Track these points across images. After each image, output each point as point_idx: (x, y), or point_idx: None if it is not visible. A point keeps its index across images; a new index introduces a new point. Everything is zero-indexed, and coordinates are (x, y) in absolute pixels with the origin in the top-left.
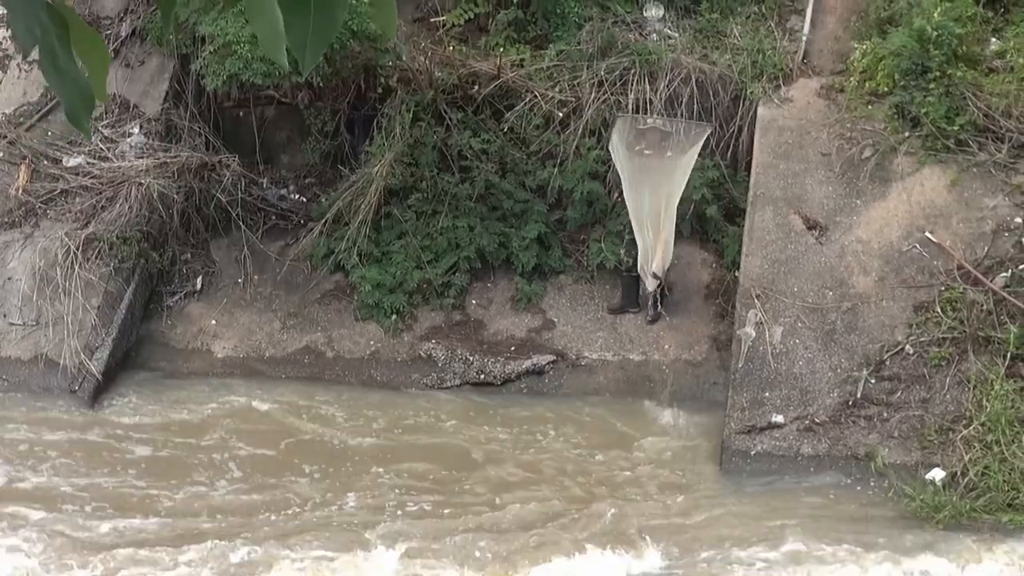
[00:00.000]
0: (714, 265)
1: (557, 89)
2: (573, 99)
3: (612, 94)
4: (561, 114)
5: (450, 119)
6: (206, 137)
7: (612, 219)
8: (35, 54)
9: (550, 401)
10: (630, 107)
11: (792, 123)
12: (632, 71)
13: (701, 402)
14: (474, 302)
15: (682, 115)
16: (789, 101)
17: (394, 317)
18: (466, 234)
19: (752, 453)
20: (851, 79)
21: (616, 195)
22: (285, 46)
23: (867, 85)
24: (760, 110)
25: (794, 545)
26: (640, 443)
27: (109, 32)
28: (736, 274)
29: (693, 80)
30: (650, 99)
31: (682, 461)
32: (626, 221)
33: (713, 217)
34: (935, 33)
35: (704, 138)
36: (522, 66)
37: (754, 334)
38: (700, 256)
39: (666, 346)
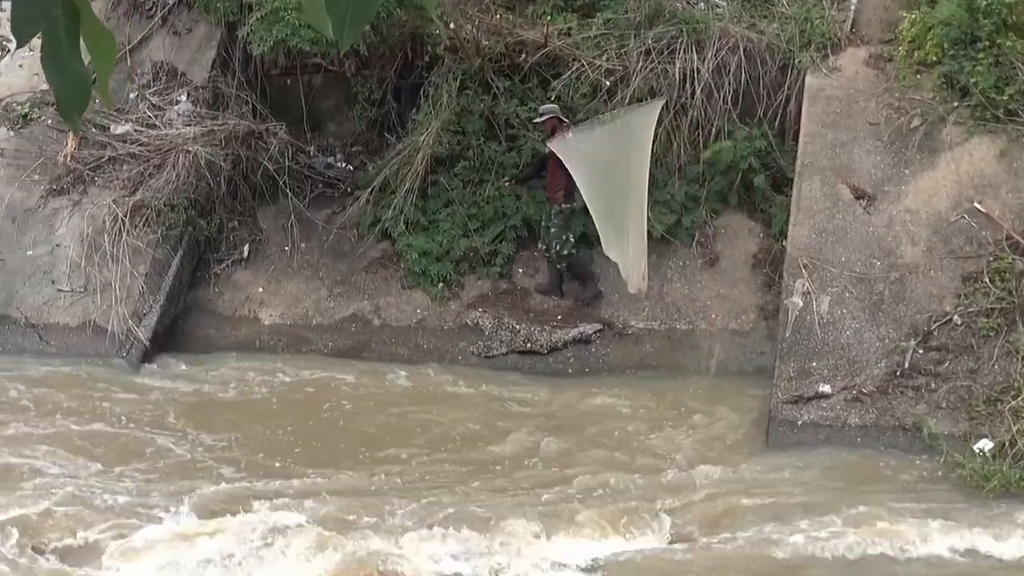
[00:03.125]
0: (761, 235)
1: (604, 58)
2: (620, 68)
3: (659, 63)
4: (608, 83)
5: (497, 88)
6: (253, 105)
7: (659, 188)
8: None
9: (596, 370)
10: (677, 76)
11: (840, 92)
12: (679, 40)
13: (747, 372)
14: (520, 271)
15: (729, 84)
16: (837, 70)
17: (441, 285)
18: (512, 203)
19: (799, 423)
20: (900, 48)
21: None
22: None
23: (916, 55)
24: (808, 79)
25: (844, 515)
26: (686, 412)
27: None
28: (783, 244)
29: (741, 49)
30: (697, 68)
31: (728, 431)
32: (670, 192)
33: (760, 186)
34: (984, 3)
35: (658, 112)
36: (569, 35)
37: (801, 304)
38: (747, 226)
39: (713, 315)
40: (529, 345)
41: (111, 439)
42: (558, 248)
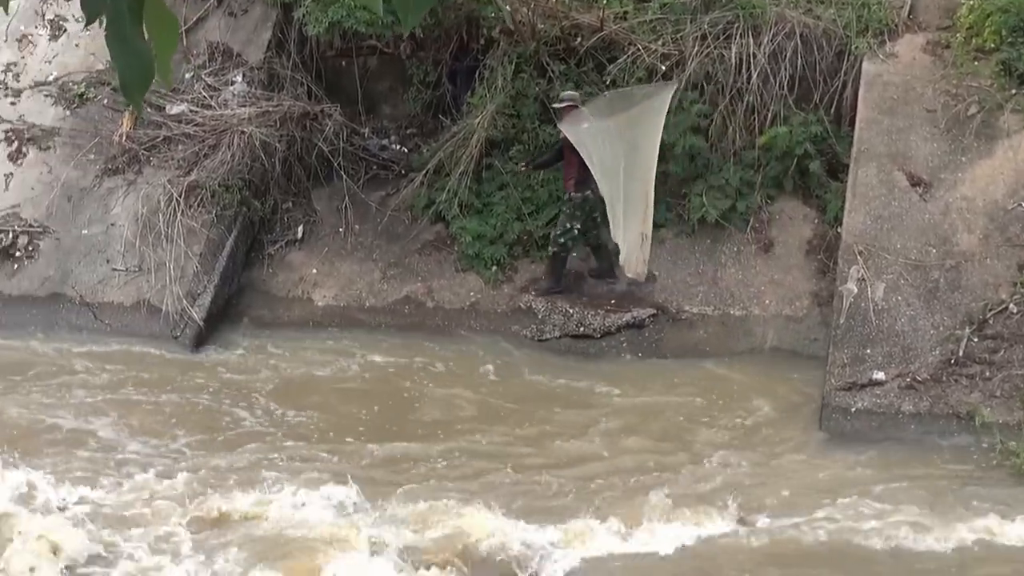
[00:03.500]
0: (816, 221)
1: (660, 42)
2: (676, 52)
3: (715, 48)
4: (664, 67)
5: (552, 71)
6: (308, 86)
7: (714, 173)
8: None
9: (649, 355)
10: (733, 61)
11: (897, 79)
12: (736, 25)
13: (801, 358)
14: (574, 254)
15: (785, 69)
16: (894, 56)
17: (494, 268)
18: None
19: (852, 410)
20: (957, 35)
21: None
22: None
23: (973, 41)
24: (865, 65)
25: (896, 503)
26: (740, 398)
27: None
28: (838, 230)
29: (797, 34)
30: (753, 53)
31: (782, 417)
32: (725, 177)
33: (816, 172)
34: None
35: (670, 97)
36: (625, 19)
37: (856, 290)
38: (802, 211)
39: (767, 301)
40: (582, 329)
41: (172, 413)
42: (557, 233)
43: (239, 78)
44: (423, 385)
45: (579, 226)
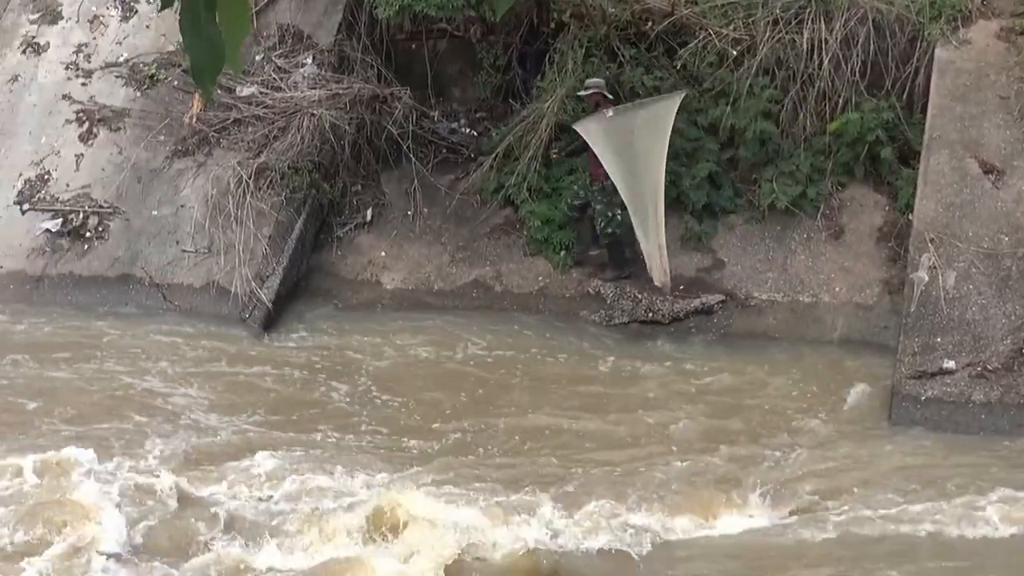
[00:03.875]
0: (887, 208)
1: (731, 27)
2: (747, 37)
3: (787, 33)
4: (735, 52)
5: (623, 55)
6: (378, 69)
7: (784, 159)
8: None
9: (717, 341)
10: (804, 46)
11: (970, 65)
12: (807, 10)
13: (871, 346)
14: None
15: (857, 55)
16: (967, 43)
17: (563, 253)
18: None
19: (922, 399)
20: None
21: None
22: None
23: None
24: (938, 51)
25: (965, 493)
26: (808, 385)
27: None
28: (909, 217)
29: (870, 20)
30: (825, 39)
31: (851, 405)
32: (795, 163)
33: (887, 159)
34: None
35: (677, 105)
36: (696, 3)
37: (927, 278)
38: (873, 198)
39: (837, 288)
40: (651, 315)
41: (241, 394)
42: (602, 224)
43: (309, 60)
44: (493, 369)
45: (619, 211)
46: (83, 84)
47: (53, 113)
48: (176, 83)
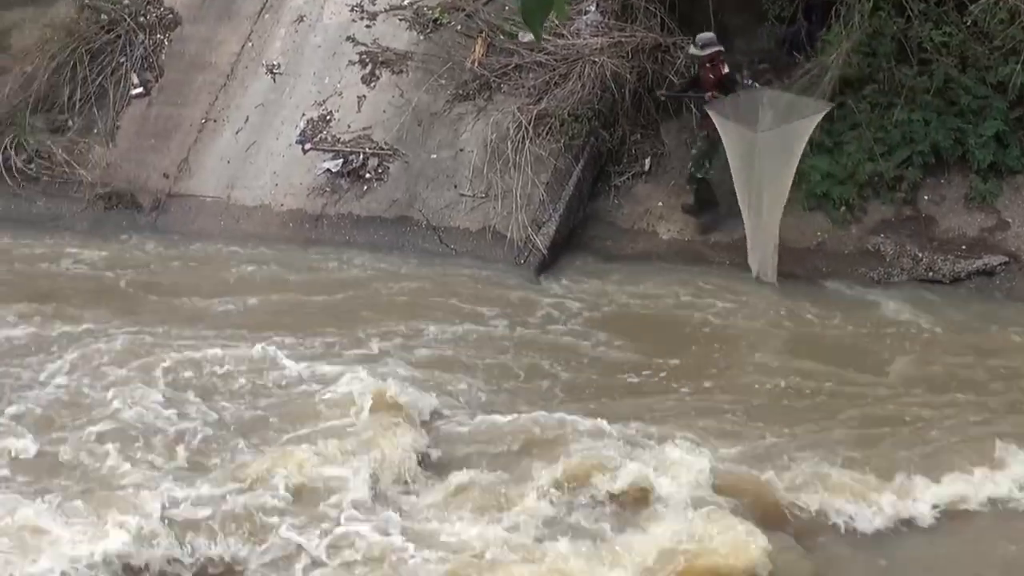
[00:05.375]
0: None
1: None
2: None
3: None
4: None
5: (912, 10)
6: (661, 18)
7: None
8: None
9: (998, 303)
10: None
11: None
12: None
13: None
14: (926, 198)
15: None
16: None
17: (843, 208)
18: (921, 128)
19: None
20: None
21: None
22: None
23: None
24: None
25: None
26: None
27: None
28: None
29: None
30: None
31: None
32: None
33: None
34: None
35: (817, 121)
36: None
37: None
38: None
39: None
40: (931, 274)
41: (514, 343)
42: (692, 168)
43: (593, 7)
44: (765, 327)
45: (711, 162)
46: (367, 26)
47: (337, 54)
48: (459, 28)
